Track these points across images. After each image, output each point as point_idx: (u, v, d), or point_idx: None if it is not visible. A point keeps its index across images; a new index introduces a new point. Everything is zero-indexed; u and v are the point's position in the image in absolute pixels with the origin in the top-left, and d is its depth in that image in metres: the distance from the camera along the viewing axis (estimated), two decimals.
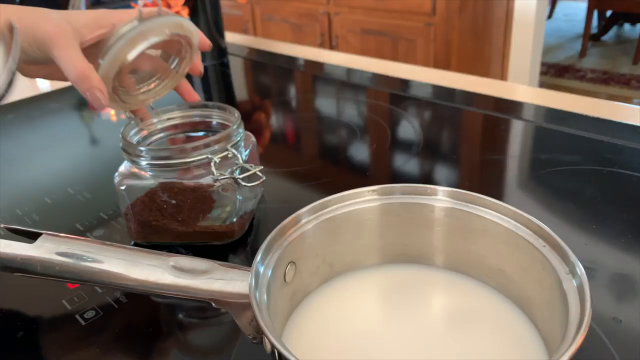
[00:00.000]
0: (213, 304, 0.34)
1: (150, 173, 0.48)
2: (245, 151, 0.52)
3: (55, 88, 1.01)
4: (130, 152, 0.47)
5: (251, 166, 0.49)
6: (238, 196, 0.49)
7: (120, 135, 0.48)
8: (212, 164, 0.47)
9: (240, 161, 0.48)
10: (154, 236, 0.50)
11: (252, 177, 0.48)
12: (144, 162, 0.47)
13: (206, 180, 0.47)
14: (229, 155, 0.48)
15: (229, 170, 0.48)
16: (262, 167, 0.49)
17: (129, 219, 0.50)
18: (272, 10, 2.77)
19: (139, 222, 0.50)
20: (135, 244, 0.51)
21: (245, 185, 0.48)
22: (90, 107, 0.66)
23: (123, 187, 0.48)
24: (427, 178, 0.64)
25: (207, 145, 0.47)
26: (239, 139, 0.49)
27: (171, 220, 0.49)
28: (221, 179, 0.47)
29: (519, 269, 0.36)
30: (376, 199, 0.40)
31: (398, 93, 0.89)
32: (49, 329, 0.42)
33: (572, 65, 3.39)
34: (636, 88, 3.01)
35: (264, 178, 0.48)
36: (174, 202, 0.48)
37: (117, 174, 0.49)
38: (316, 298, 0.39)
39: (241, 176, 0.48)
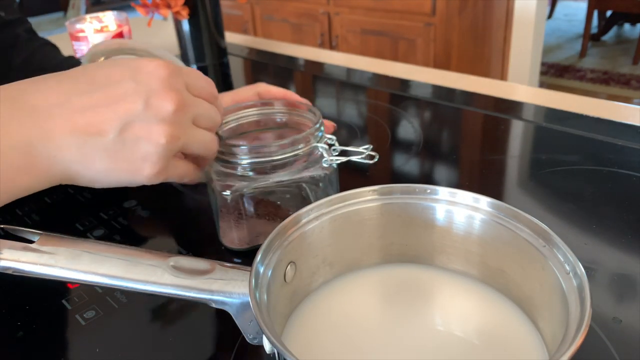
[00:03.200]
0: (213, 304, 0.34)
1: (251, 173, 0.45)
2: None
3: None
4: (225, 151, 0.44)
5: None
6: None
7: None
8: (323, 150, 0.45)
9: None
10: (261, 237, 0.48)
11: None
12: (245, 161, 0.44)
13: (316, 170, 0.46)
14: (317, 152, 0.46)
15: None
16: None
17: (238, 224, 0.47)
18: (272, 10, 2.76)
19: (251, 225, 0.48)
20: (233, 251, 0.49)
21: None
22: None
23: (228, 193, 0.45)
24: (427, 178, 0.64)
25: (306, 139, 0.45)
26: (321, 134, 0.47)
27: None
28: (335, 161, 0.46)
29: (519, 269, 0.36)
30: (376, 199, 0.40)
31: (398, 93, 0.89)
32: (49, 329, 0.42)
33: (572, 65, 3.39)
34: (636, 88, 3.01)
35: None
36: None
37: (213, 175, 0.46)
38: (316, 298, 0.39)
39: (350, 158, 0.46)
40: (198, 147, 0.39)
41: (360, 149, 0.46)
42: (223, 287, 0.34)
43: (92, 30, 0.90)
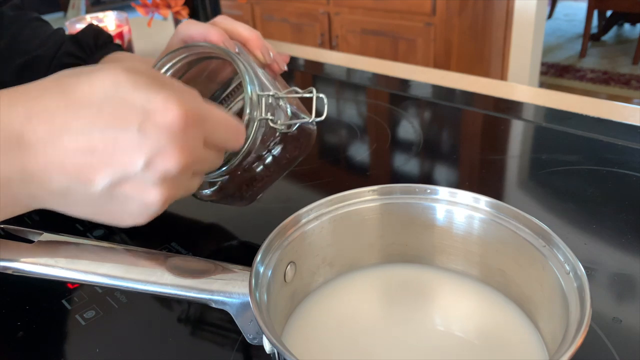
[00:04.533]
0: (213, 304, 0.34)
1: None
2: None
3: None
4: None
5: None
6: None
7: None
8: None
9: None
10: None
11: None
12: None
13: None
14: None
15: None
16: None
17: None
18: (272, 10, 2.76)
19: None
20: None
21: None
22: None
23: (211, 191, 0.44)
24: (427, 178, 0.64)
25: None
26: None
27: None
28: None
29: (519, 269, 0.36)
30: (376, 199, 0.40)
31: (398, 93, 0.89)
32: (49, 329, 0.42)
33: (572, 65, 3.38)
34: (636, 88, 3.01)
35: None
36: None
37: None
38: (316, 298, 0.39)
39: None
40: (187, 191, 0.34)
41: (305, 94, 0.41)
42: (223, 287, 0.34)
43: None
